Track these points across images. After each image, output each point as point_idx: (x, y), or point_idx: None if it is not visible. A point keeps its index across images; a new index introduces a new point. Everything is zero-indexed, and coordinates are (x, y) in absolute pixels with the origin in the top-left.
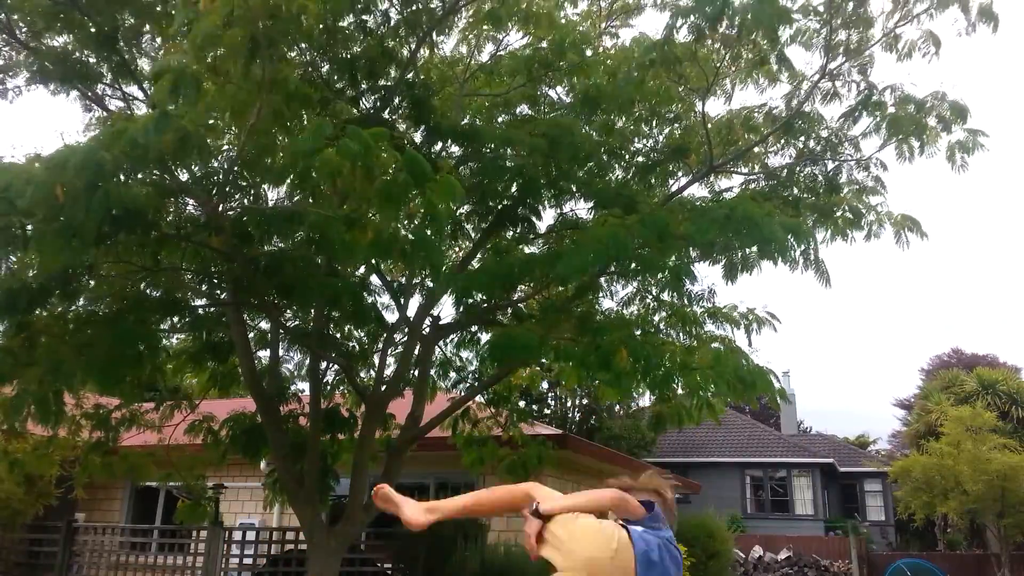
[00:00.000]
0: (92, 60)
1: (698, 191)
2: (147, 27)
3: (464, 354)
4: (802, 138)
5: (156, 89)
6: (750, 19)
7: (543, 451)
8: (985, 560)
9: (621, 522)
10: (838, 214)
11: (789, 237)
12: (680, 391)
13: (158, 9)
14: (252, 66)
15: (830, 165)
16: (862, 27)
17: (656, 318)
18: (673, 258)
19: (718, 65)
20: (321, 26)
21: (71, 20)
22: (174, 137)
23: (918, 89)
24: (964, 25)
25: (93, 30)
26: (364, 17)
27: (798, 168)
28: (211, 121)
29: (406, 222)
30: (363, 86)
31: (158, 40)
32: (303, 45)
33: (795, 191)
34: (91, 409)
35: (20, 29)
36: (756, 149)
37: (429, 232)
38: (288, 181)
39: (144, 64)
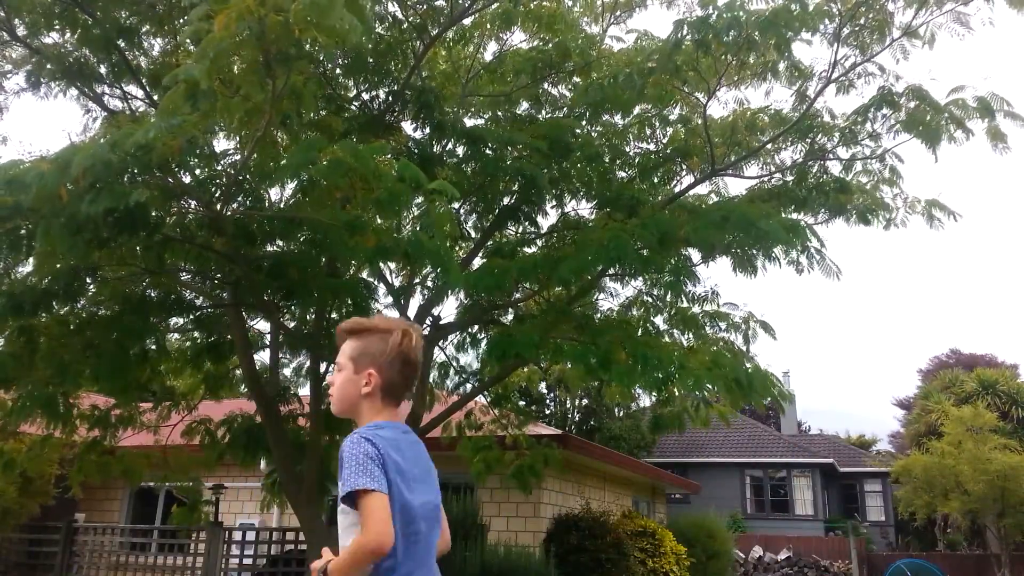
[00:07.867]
0: (92, 59)
1: (704, 191)
2: (147, 27)
3: (464, 358)
4: (811, 135)
5: (168, 96)
6: (758, 34)
7: (549, 454)
8: (985, 560)
9: None
10: (851, 208)
11: (789, 235)
12: (677, 392)
13: (159, 9)
14: (266, 85)
15: (842, 158)
16: (877, 32)
17: (658, 319)
18: (673, 260)
19: (722, 72)
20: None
21: (72, 18)
22: (180, 142)
23: (942, 84)
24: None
25: (97, 32)
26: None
27: (806, 166)
28: (218, 127)
29: (408, 226)
30: (372, 87)
31: (157, 41)
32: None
33: (803, 192)
34: (87, 409)
35: (19, 27)
36: (766, 147)
37: (431, 236)
38: (291, 186)
39: (144, 63)
